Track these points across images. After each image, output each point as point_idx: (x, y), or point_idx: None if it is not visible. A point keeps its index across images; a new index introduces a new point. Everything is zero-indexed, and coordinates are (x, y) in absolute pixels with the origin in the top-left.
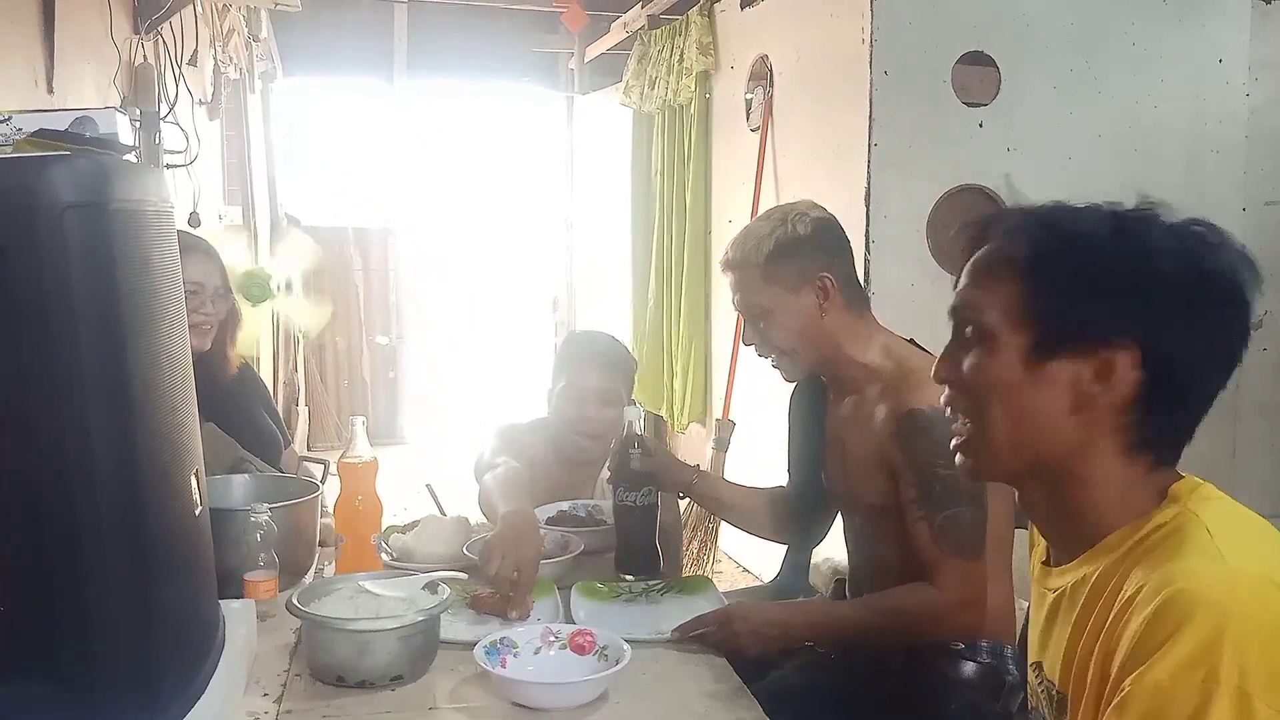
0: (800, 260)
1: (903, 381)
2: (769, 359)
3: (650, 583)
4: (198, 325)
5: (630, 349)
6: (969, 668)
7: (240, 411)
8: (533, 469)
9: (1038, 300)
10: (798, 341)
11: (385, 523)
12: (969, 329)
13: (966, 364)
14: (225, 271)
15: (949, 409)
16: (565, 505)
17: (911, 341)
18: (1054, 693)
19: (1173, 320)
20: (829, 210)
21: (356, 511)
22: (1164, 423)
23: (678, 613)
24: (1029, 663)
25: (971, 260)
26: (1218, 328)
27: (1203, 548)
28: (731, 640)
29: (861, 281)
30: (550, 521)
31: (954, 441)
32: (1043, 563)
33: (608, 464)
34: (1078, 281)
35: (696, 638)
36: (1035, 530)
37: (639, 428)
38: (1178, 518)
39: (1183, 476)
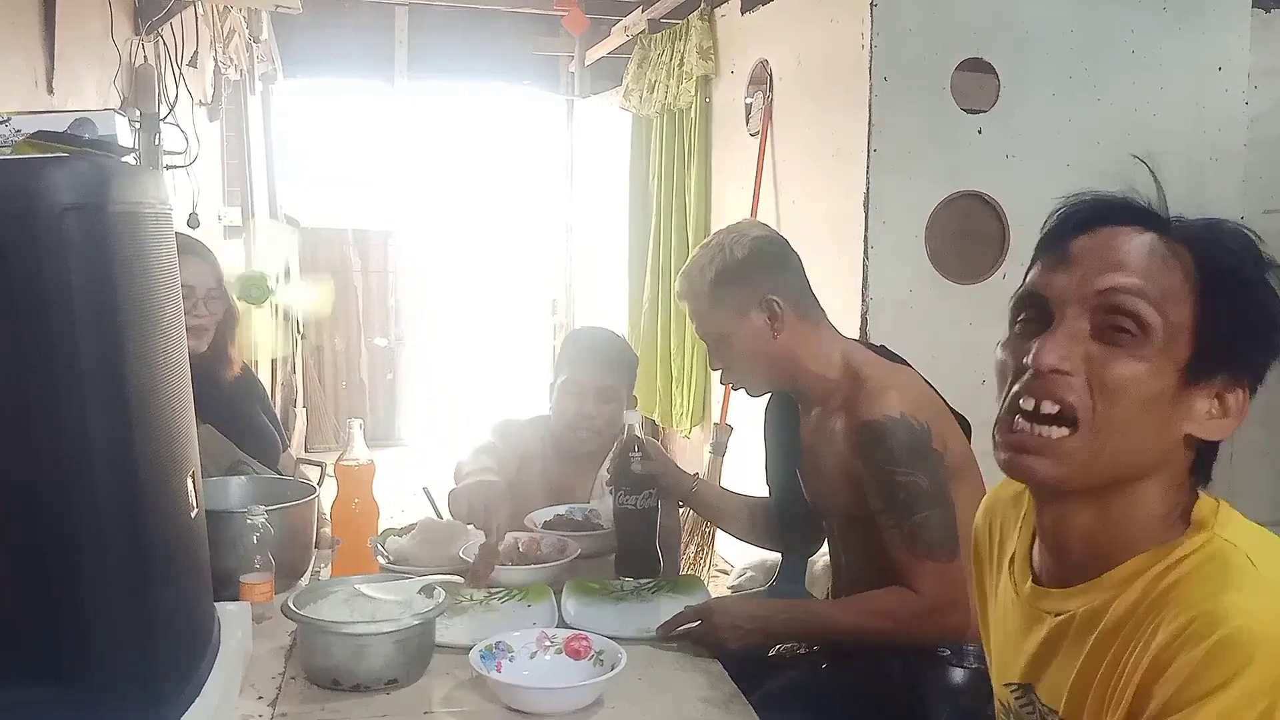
0: (742, 284)
1: (857, 392)
2: (730, 383)
3: (641, 582)
4: (193, 328)
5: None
6: (958, 674)
7: (238, 414)
8: (530, 464)
9: (1210, 316)
10: (755, 362)
11: (382, 525)
12: (1114, 318)
13: (1104, 358)
14: (220, 273)
15: (1034, 395)
16: (562, 509)
17: (881, 349)
18: (1052, 718)
19: (1271, 361)
20: (769, 230)
21: (353, 514)
22: (1215, 450)
23: (668, 612)
24: (1005, 682)
25: (1111, 244)
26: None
27: (1249, 579)
28: (711, 634)
29: (815, 293)
30: (547, 525)
31: (1033, 442)
32: (1034, 581)
33: (608, 466)
34: (1243, 316)
35: (678, 634)
36: (994, 548)
37: (639, 431)
38: (1210, 544)
39: (1198, 495)
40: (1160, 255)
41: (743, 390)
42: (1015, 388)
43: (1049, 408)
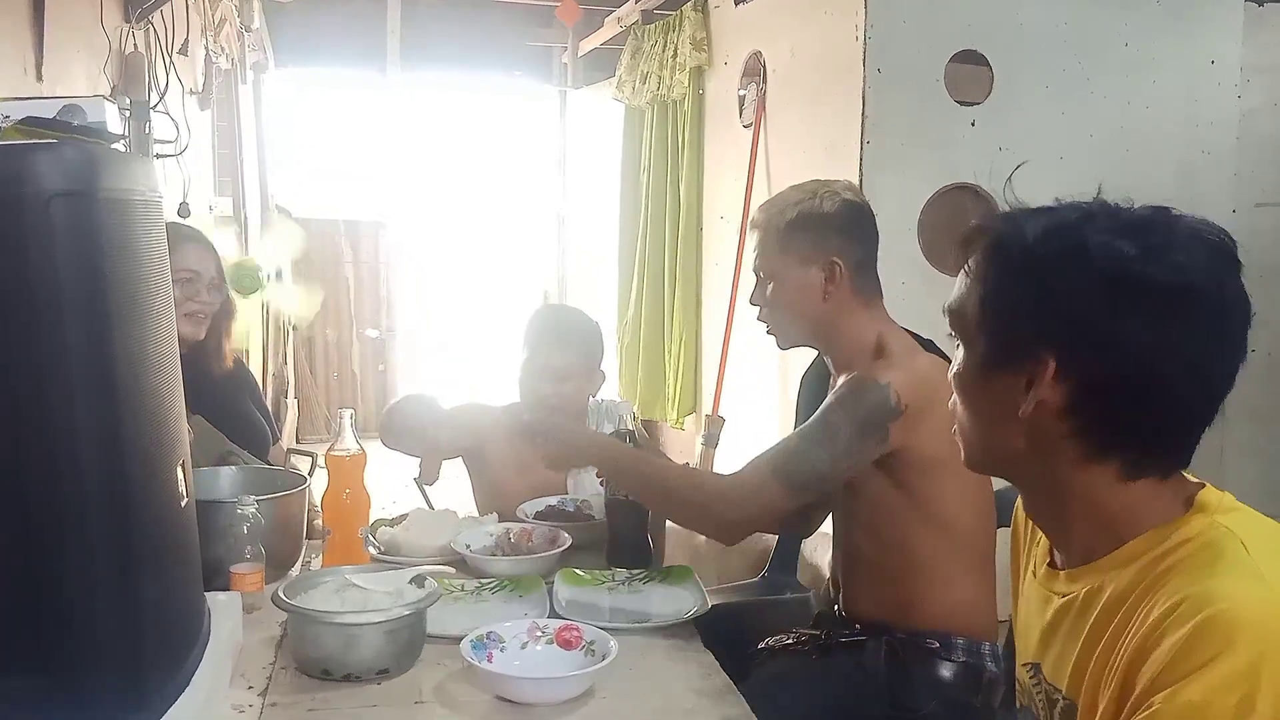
0: (816, 236)
1: (872, 363)
2: (764, 323)
3: (633, 572)
4: (193, 314)
5: (617, 343)
6: (947, 667)
7: (230, 405)
8: (504, 449)
9: (983, 312)
10: (794, 313)
11: (373, 516)
12: (952, 332)
13: (957, 366)
14: (221, 263)
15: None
16: (554, 500)
17: (928, 343)
18: (1057, 698)
19: (1091, 329)
20: (863, 197)
21: (344, 504)
22: (1119, 431)
23: (660, 602)
24: (1021, 662)
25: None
26: (1156, 330)
27: (1241, 565)
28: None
29: (879, 275)
30: (539, 516)
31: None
32: (1048, 565)
33: None
34: (1005, 293)
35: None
36: (1031, 532)
37: (631, 422)
38: (1209, 531)
39: (1204, 485)
40: (967, 265)
41: (773, 337)
42: None
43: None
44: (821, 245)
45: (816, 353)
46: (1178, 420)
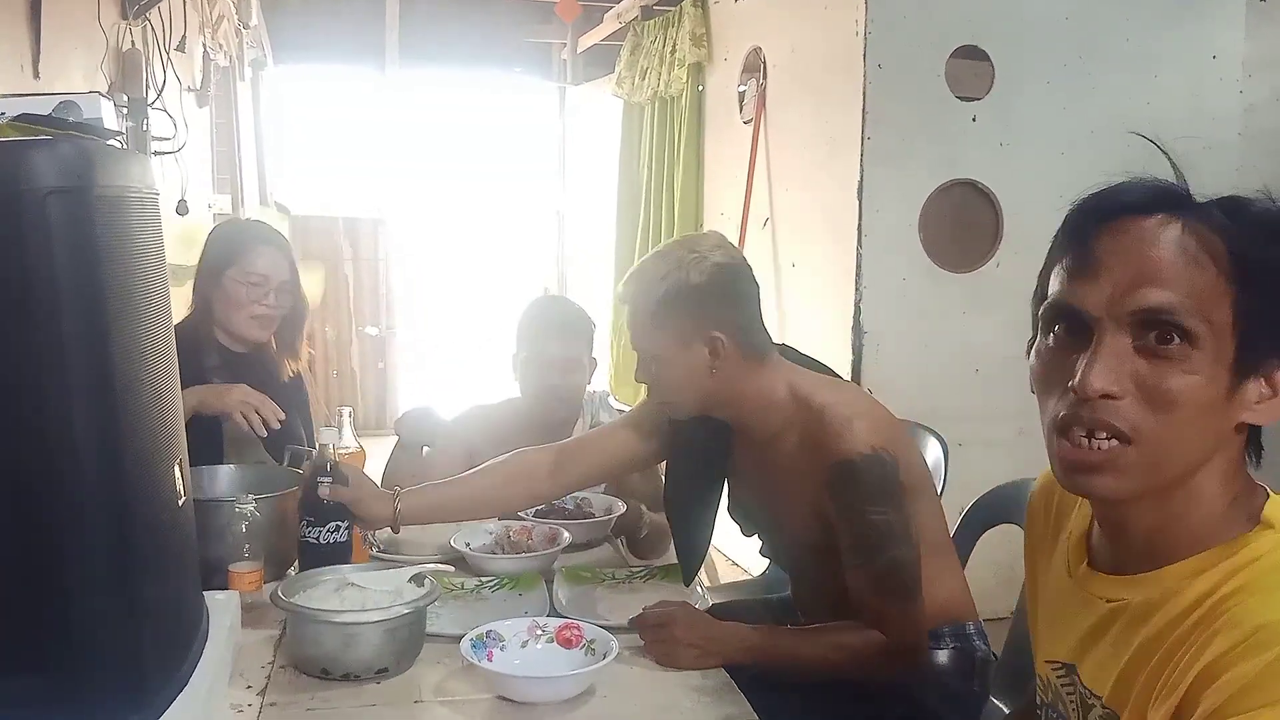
0: (691, 312)
1: (819, 426)
2: (655, 398)
3: (634, 570)
4: (260, 316)
5: (614, 339)
6: (941, 655)
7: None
8: (505, 445)
9: (1251, 309)
10: (685, 391)
11: None
12: (1158, 334)
13: (1154, 375)
14: (295, 266)
15: (1086, 425)
16: None
17: (817, 364)
18: (1094, 703)
19: None
20: (733, 253)
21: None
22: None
23: (656, 600)
24: (1046, 658)
25: (1140, 246)
26: None
27: None
28: (668, 645)
29: (767, 325)
30: (539, 514)
31: (1091, 458)
32: (1089, 564)
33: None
34: (1269, 297)
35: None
36: (1052, 524)
37: (333, 451)
38: (1279, 551)
39: (1269, 494)
40: (1191, 253)
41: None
42: (1064, 412)
43: (1102, 440)
44: (698, 321)
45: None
46: None
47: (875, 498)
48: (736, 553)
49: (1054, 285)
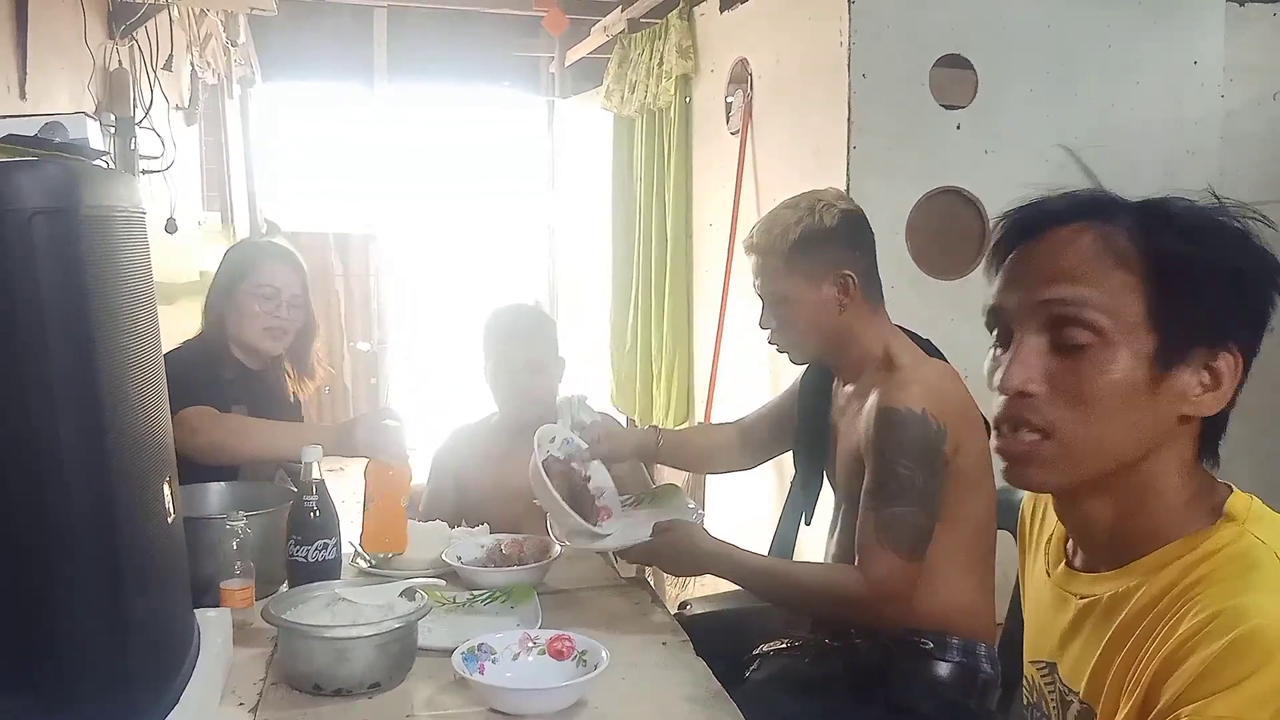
0: (824, 253)
1: (889, 378)
2: (776, 344)
3: (623, 499)
4: (272, 328)
5: (613, 351)
6: (942, 667)
7: None
8: (489, 462)
9: (1164, 303)
10: (811, 333)
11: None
12: (1067, 331)
13: (1066, 371)
14: (306, 282)
15: (1011, 422)
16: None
17: (926, 342)
18: (1071, 700)
19: (1262, 320)
20: (855, 203)
21: (388, 475)
22: (1222, 424)
23: (650, 522)
24: (1031, 659)
25: (1053, 252)
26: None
27: (1275, 579)
28: (670, 553)
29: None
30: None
31: (1016, 450)
32: (1065, 564)
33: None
34: (1199, 293)
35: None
36: (1037, 529)
37: (319, 470)
38: (1239, 540)
39: (1232, 490)
40: (1100, 252)
41: (786, 355)
42: (997, 411)
43: (1025, 434)
44: (831, 261)
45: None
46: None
47: (907, 451)
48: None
49: (989, 295)
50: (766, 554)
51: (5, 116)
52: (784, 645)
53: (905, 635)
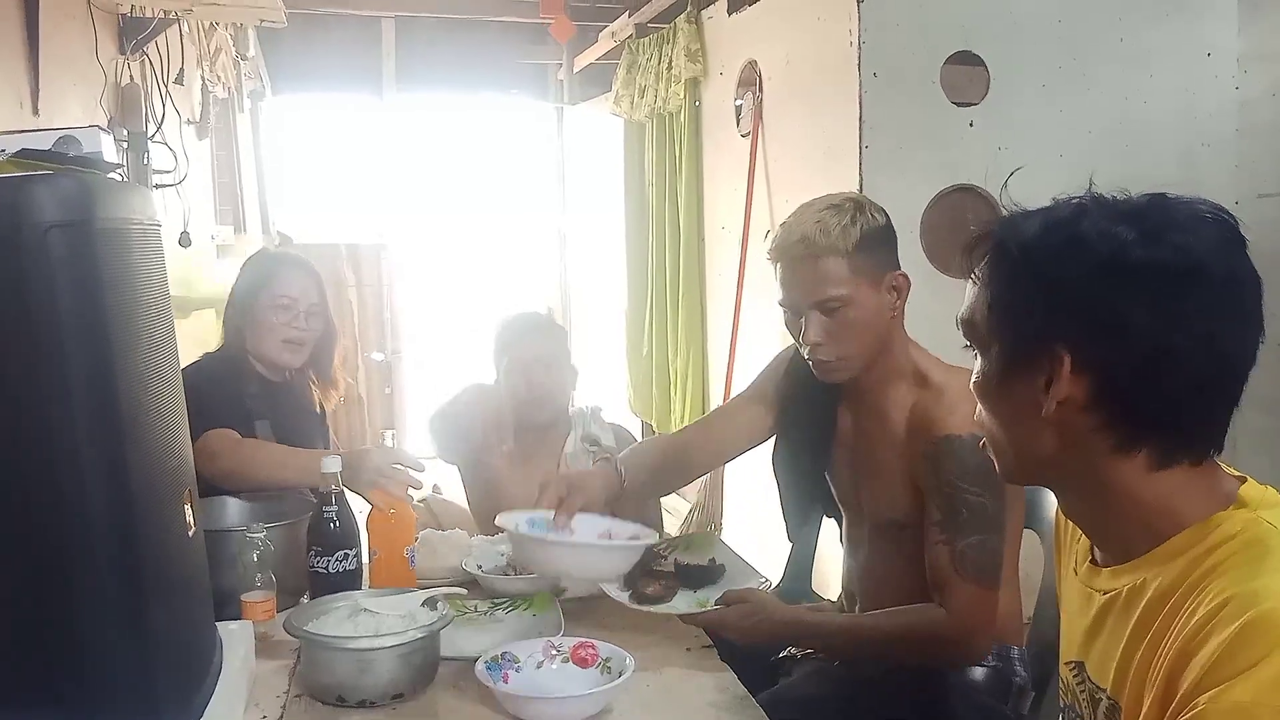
0: (882, 254)
1: (937, 402)
2: (826, 358)
3: (657, 545)
4: (290, 340)
5: (630, 355)
6: (976, 672)
7: (305, 443)
8: (494, 454)
9: (993, 317)
10: (868, 340)
11: None
12: (970, 344)
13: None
14: (323, 289)
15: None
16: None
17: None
18: (1100, 696)
19: (1100, 317)
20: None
21: (390, 524)
22: (1145, 416)
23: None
24: (1064, 660)
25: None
26: (1165, 311)
27: None
28: (747, 630)
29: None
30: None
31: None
32: (1090, 562)
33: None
34: (1013, 294)
35: (708, 619)
36: (1071, 529)
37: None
38: (1252, 527)
39: (1245, 479)
40: (973, 276)
41: (821, 371)
42: None
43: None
44: (888, 262)
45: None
46: (1201, 401)
47: (976, 478)
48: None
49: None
50: (782, 578)
51: (19, 132)
52: (812, 649)
53: None
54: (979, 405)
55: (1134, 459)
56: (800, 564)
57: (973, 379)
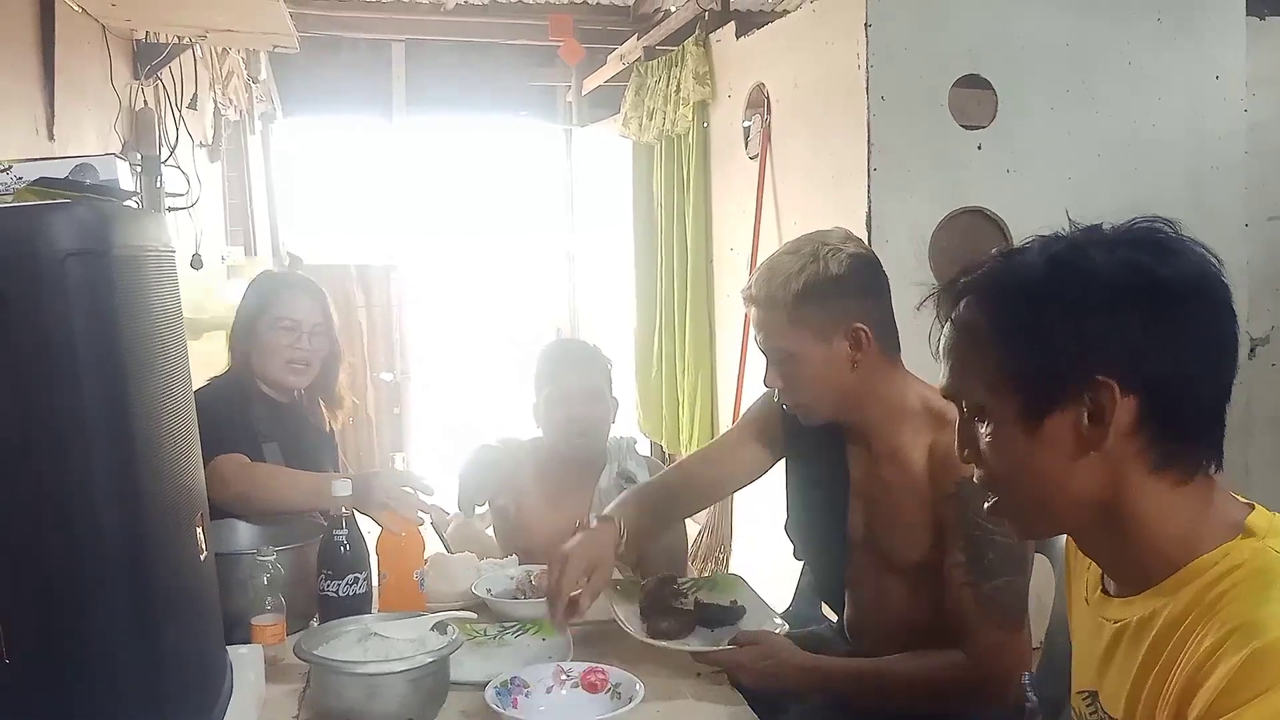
0: (832, 304)
1: (947, 439)
2: (787, 402)
3: (681, 583)
4: (294, 362)
5: (639, 377)
6: None
7: (311, 465)
8: (530, 485)
9: (1010, 364)
10: (823, 393)
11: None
12: (966, 409)
13: (980, 442)
14: (328, 310)
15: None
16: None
17: None
18: None
19: (1136, 340)
20: (865, 245)
21: (400, 547)
22: (1176, 438)
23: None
24: (1077, 689)
25: (944, 343)
26: (1188, 332)
27: None
28: (760, 672)
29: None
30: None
31: (986, 506)
32: (1100, 591)
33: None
34: (1034, 335)
35: (720, 659)
36: (1082, 558)
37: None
38: (1260, 556)
39: (1254, 507)
40: (957, 338)
41: (797, 415)
42: None
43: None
44: (840, 312)
45: None
46: (1217, 408)
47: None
48: (760, 586)
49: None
50: (793, 601)
51: (36, 159)
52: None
53: None
54: (983, 470)
55: (1164, 478)
56: (811, 587)
57: (986, 443)
